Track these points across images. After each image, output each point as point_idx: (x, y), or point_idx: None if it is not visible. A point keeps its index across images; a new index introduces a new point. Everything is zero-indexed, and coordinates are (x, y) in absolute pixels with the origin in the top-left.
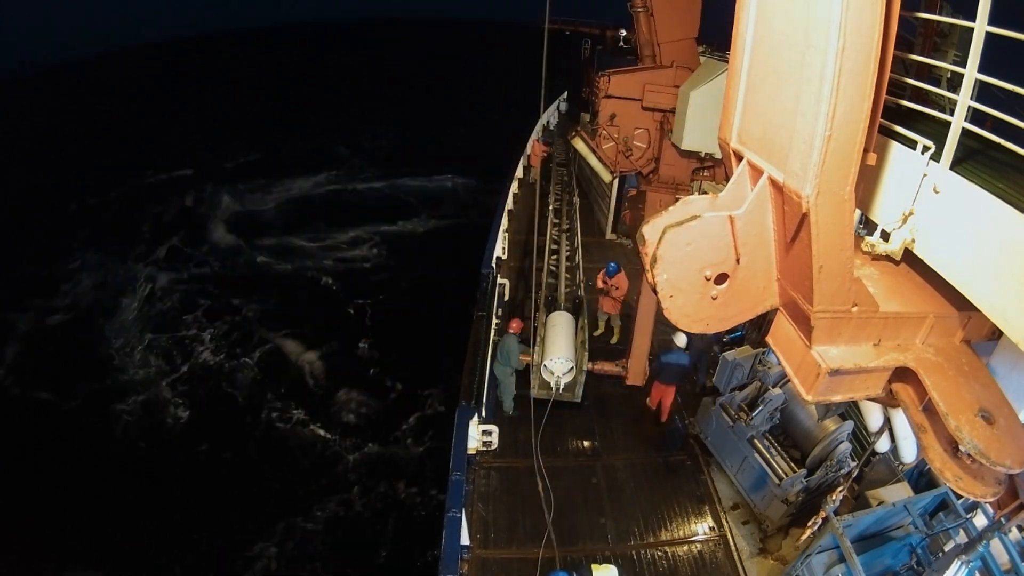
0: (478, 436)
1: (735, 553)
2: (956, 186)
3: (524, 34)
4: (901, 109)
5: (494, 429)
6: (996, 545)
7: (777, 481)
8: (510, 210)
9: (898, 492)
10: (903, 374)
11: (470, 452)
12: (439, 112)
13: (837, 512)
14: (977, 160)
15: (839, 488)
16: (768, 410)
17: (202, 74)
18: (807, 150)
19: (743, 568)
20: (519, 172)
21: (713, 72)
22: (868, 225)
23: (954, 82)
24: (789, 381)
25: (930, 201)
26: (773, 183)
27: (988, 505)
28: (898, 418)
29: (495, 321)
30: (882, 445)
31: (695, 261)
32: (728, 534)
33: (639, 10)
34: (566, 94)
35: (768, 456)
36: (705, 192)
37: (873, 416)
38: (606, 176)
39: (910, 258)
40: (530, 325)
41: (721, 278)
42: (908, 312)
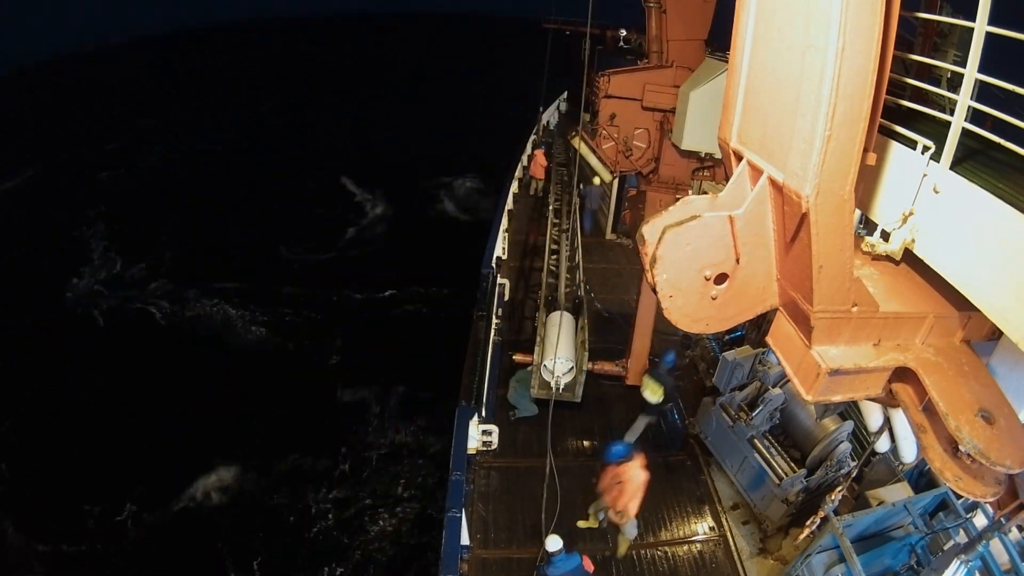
0: (478, 436)
1: (735, 553)
2: (956, 186)
3: (523, 31)
4: (901, 109)
5: (494, 429)
6: (996, 545)
7: (777, 481)
8: (510, 210)
9: (898, 492)
10: (903, 374)
11: (470, 452)
12: (439, 112)
13: (837, 512)
14: (977, 160)
15: (839, 488)
16: (768, 410)
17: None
18: (807, 150)
19: (743, 568)
20: (519, 172)
21: (713, 72)
22: (868, 225)
23: (954, 82)
24: (789, 381)
25: (930, 201)
26: (773, 183)
27: (988, 505)
28: (898, 418)
29: (495, 321)
30: (882, 445)
31: (695, 261)
32: (728, 534)
33: (652, 6)
34: (566, 94)
35: (768, 456)
36: (705, 192)
37: (873, 416)
38: (606, 176)
39: (910, 258)
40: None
41: (721, 278)
42: (908, 312)
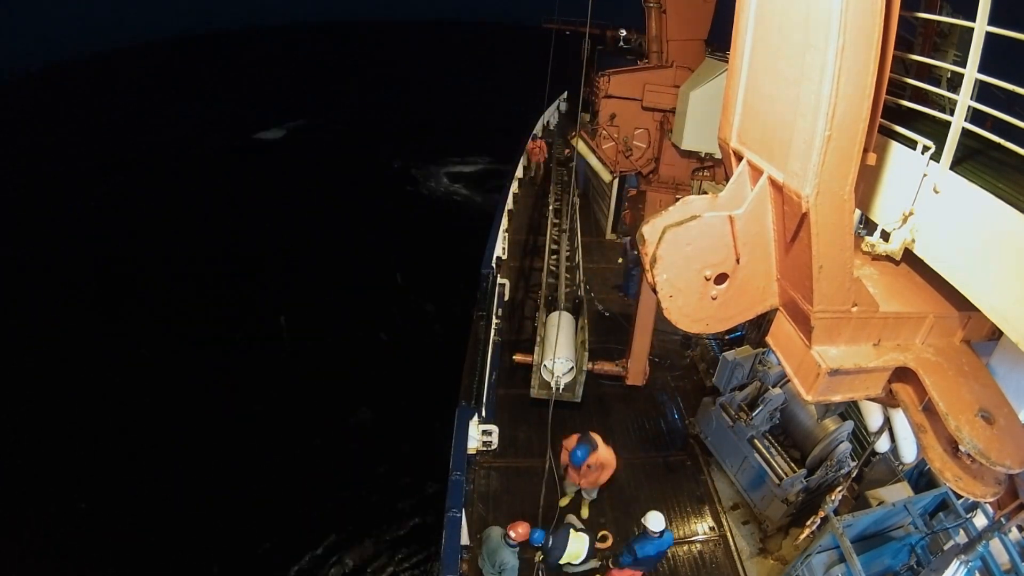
0: (478, 436)
1: (735, 553)
2: (956, 186)
3: (518, 35)
4: (901, 109)
5: (494, 429)
6: (996, 545)
7: (777, 481)
8: (510, 210)
9: (898, 492)
10: (903, 374)
11: (470, 452)
12: (438, 112)
13: (837, 512)
14: (977, 160)
15: (839, 488)
16: (768, 410)
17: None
18: (807, 150)
19: (743, 568)
20: (519, 172)
21: (713, 72)
22: (868, 225)
23: (954, 82)
24: (789, 381)
25: (930, 201)
26: (773, 183)
27: (988, 505)
28: (898, 418)
29: (495, 321)
30: (882, 445)
31: (695, 261)
32: (728, 534)
33: (651, 6)
34: (566, 94)
35: (768, 456)
36: (705, 192)
37: (873, 416)
38: (606, 176)
39: (910, 258)
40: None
41: (721, 278)
42: (908, 312)
